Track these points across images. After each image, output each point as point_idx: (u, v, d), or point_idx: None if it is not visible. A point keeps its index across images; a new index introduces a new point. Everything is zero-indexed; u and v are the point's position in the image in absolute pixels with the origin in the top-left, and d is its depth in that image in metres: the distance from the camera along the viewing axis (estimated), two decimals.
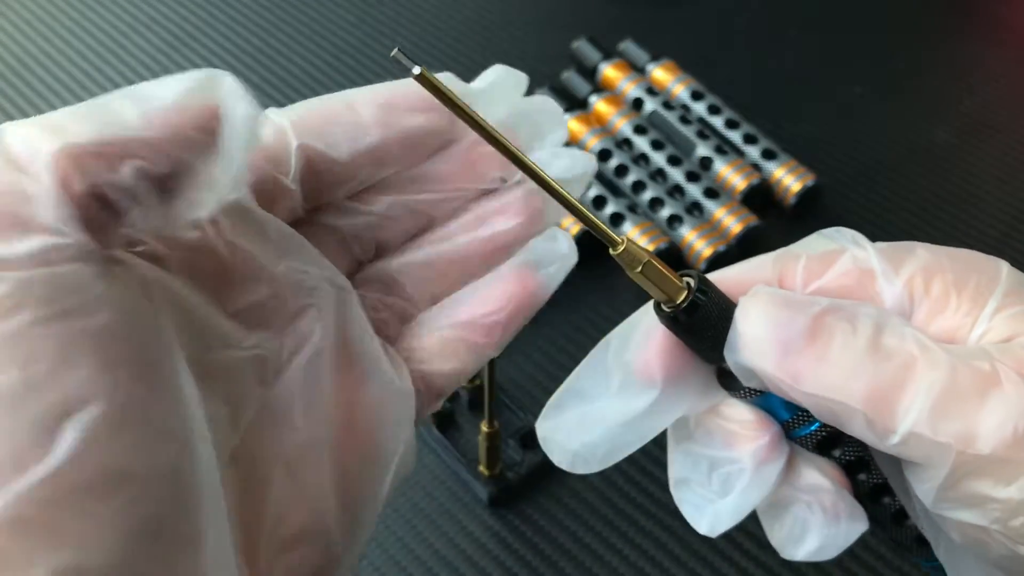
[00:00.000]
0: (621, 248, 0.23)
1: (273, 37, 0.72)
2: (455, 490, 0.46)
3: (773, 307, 0.22)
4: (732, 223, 0.55)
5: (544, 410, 0.25)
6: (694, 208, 0.57)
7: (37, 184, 0.17)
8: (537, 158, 0.27)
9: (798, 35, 0.74)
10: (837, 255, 0.23)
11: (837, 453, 0.25)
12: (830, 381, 0.21)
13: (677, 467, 0.25)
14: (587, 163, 0.27)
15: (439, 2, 0.75)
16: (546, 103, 0.27)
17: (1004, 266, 0.23)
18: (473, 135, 0.25)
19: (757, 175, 0.58)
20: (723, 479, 0.24)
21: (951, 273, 0.23)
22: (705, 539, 0.44)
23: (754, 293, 0.23)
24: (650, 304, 0.24)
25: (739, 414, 0.24)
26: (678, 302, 0.23)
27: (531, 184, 0.25)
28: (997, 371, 0.20)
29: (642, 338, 0.24)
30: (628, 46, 0.67)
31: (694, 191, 0.57)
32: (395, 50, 0.21)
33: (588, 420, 0.25)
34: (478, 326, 0.26)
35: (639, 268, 0.23)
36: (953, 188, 0.62)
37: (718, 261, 0.54)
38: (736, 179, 0.58)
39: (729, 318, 0.23)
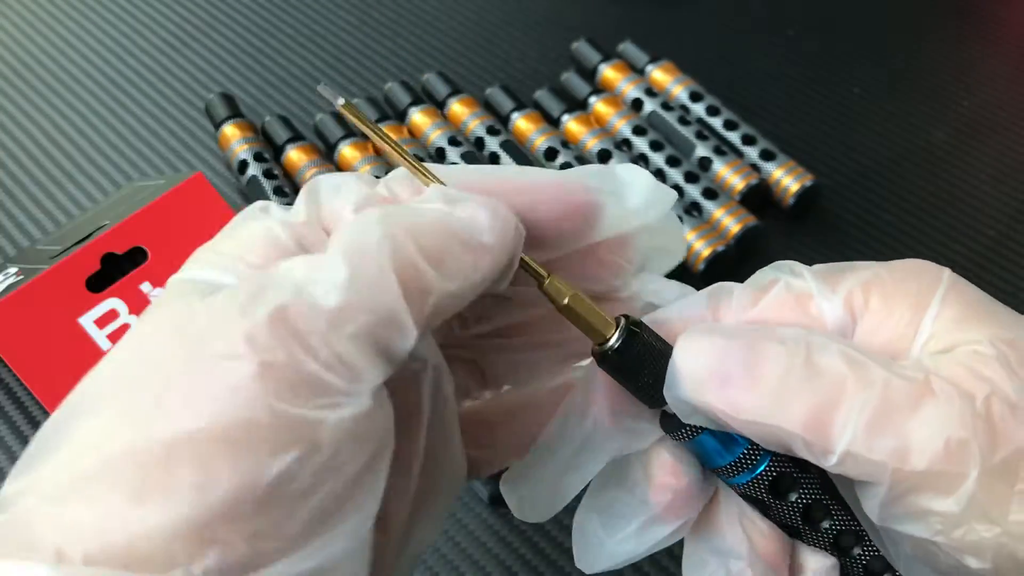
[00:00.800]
0: (547, 282, 0.23)
1: (273, 38, 0.72)
2: None
3: (708, 340, 0.22)
4: (731, 223, 0.55)
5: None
6: (693, 208, 0.57)
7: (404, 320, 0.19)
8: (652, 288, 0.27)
9: (797, 35, 0.74)
10: (771, 285, 0.24)
11: (794, 497, 0.24)
12: (766, 408, 0.21)
13: (588, 497, 0.25)
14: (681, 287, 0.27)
15: (439, 3, 0.76)
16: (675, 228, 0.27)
17: (946, 272, 0.23)
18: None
19: (756, 175, 0.58)
20: (613, 521, 0.25)
21: (890, 284, 0.23)
22: None
23: (691, 330, 0.23)
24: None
25: (659, 461, 0.24)
26: (608, 338, 0.23)
27: None
28: (930, 383, 0.20)
29: (589, 377, 0.24)
30: (627, 47, 0.68)
31: (693, 191, 0.57)
32: (320, 85, 0.23)
33: (532, 465, 0.25)
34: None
35: (565, 300, 0.23)
36: (951, 188, 0.62)
37: (717, 261, 0.54)
38: (735, 179, 0.58)
39: (665, 359, 0.23)
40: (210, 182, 0.60)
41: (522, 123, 0.62)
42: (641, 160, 0.60)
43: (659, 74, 0.65)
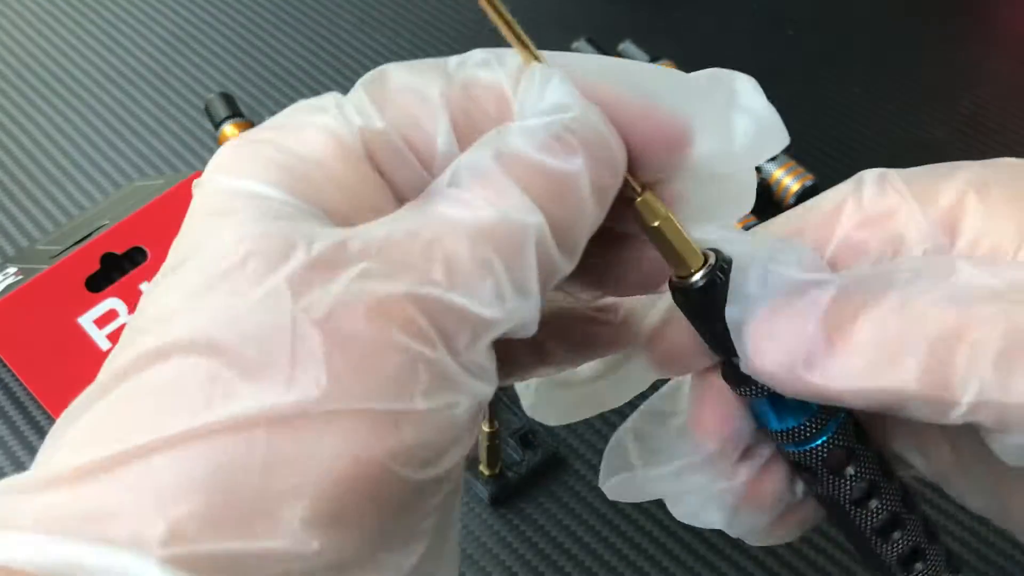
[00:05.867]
0: (640, 199, 0.21)
1: (273, 37, 0.72)
2: None
3: (777, 320, 0.20)
4: None
5: None
6: None
7: None
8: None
9: (797, 35, 0.74)
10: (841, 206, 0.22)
11: (851, 471, 0.22)
12: (866, 374, 0.18)
13: (634, 419, 0.24)
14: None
15: (439, 3, 0.75)
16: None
17: None
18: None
19: (756, 175, 0.58)
20: (651, 456, 0.23)
21: (994, 189, 0.20)
22: (705, 539, 0.44)
23: (760, 314, 0.20)
24: None
25: (710, 405, 0.23)
26: (693, 272, 0.21)
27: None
28: None
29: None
30: (627, 47, 0.67)
31: None
32: None
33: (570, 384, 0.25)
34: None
35: (656, 223, 0.21)
36: None
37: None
38: None
39: None
40: None
41: None
42: None
43: None
